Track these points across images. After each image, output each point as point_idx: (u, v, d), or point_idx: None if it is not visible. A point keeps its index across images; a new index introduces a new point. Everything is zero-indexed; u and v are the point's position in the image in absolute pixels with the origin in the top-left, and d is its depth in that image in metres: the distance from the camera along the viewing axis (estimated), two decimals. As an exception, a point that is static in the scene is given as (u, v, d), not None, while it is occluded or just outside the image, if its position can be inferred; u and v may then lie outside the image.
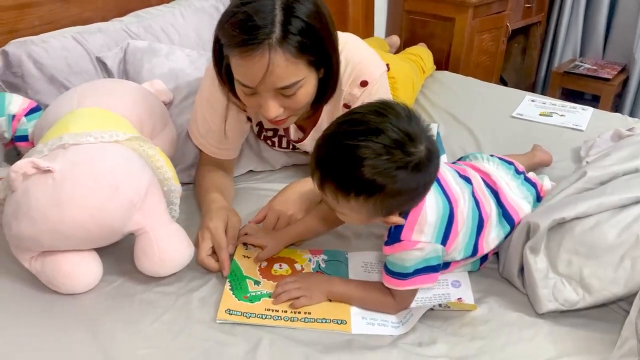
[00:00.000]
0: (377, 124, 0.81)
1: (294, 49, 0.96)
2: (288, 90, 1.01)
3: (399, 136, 0.80)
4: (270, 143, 1.40)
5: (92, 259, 1.01)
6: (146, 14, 1.66)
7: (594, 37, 3.17)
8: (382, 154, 0.79)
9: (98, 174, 0.93)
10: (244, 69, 0.98)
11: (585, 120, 1.81)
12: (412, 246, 0.90)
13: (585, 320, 0.94)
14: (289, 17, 0.95)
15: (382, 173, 0.79)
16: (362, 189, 0.82)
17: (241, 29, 0.94)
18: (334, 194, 0.85)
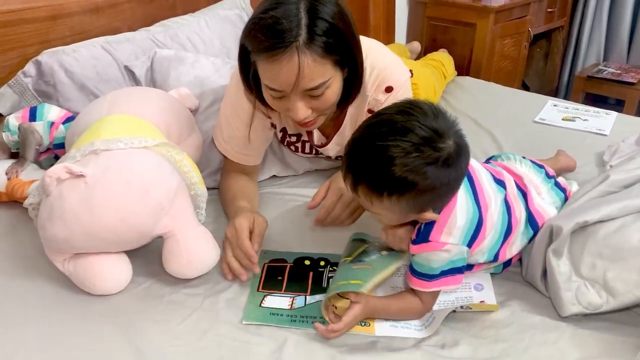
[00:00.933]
0: (404, 122, 0.83)
1: (320, 49, 0.98)
2: (316, 91, 1.03)
3: (427, 133, 0.82)
4: (294, 148, 1.42)
5: (122, 261, 1.04)
6: (172, 23, 1.70)
7: (618, 41, 3.13)
8: (411, 151, 0.81)
9: (129, 178, 0.97)
10: (273, 73, 1.00)
11: (609, 124, 1.79)
12: (439, 247, 0.91)
13: (609, 323, 0.94)
14: (314, 19, 0.97)
15: (413, 170, 0.81)
16: (394, 188, 0.83)
17: (268, 34, 0.96)
18: (367, 195, 0.87)
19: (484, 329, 0.94)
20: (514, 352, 0.89)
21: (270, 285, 1.04)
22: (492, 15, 2.44)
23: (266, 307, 0.98)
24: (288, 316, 0.96)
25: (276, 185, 1.46)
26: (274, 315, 0.96)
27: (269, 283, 1.05)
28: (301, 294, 1.02)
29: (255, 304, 0.99)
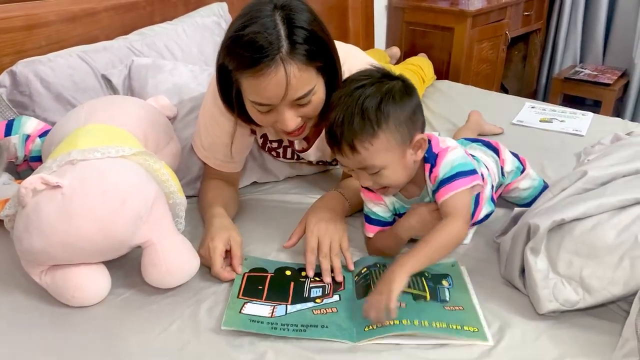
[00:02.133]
0: (354, 82, 0.99)
1: (303, 57, 0.99)
2: (304, 100, 1.04)
3: (378, 75, 0.99)
4: (275, 154, 1.42)
5: (101, 272, 1.03)
6: (150, 31, 1.70)
7: (594, 42, 3.19)
8: (373, 90, 0.97)
9: (106, 188, 0.96)
10: (261, 88, 1.00)
11: (585, 125, 1.82)
12: (446, 150, 1.04)
13: (586, 320, 0.95)
14: (292, 28, 0.98)
15: (385, 96, 0.96)
16: (381, 115, 0.95)
17: (250, 50, 0.97)
18: (366, 142, 0.96)
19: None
20: (495, 352, 0.89)
21: (251, 293, 1.03)
22: (469, 19, 2.47)
23: (246, 314, 0.97)
24: (269, 323, 0.95)
25: (257, 191, 1.45)
26: (254, 322, 0.95)
27: (249, 291, 1.04)
28: (282, 303, 1.01)
29: (235, 310, 0.98)
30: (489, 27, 2.64)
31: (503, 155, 1.26)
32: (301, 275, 1.09)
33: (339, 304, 1.00)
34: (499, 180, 1.22)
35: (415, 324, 0.92)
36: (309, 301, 1.01)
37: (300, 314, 0.98)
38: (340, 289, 1.05)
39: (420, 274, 1.06)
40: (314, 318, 0.96)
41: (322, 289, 1.05)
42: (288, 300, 1.02)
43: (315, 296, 1.03)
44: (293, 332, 0.93)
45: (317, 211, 1.16)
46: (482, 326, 0.93)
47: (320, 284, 1.06)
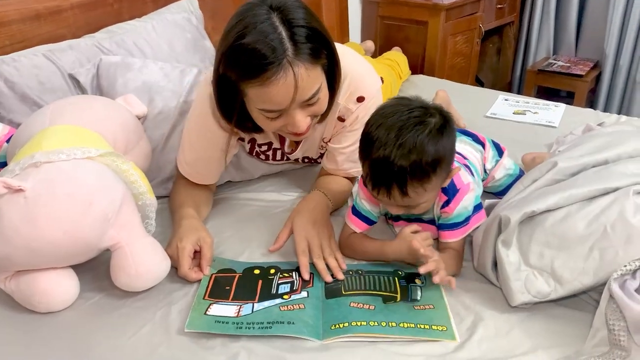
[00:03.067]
0: (396, 122, 0.94)
1: (309, 57, 0.97)
2: (313, 99, 1.03)
3: (418, 112, 0.95)
4: (264, 157, 1.40)
5: (68, 277, 1.00)
6: (118, 29, 1.66)
7: (566, 34, 3.22)
8: (423, 129, 0.93)
9: (71, 190, 0.93)
10: (271, 95, 0.98)
11: (558, 116, 1.84)
12: (468, 188, 1.05)
13: (558, 311, 0.96)
14: (292, 28, 0.96)
15: (438, 140, 0.94)
16: (436, 162, 0.94)
17: (255, 59, 0.94)
18: (420, 187, 0.95)
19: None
20: (467, 345, 0.89)
21: (217, 294, 1.02)
22: (443, 12, 2.47)
23: (211, 315, 0.96)
24: (234, 323, 0.94)
25: (231, 190, 1.44)
26: (219, 323, 0.94)
27: (216, 292, 1.03)
28: (249, 302, 1.00)
29: (199, 311, 0.97)
30: (463, 21, 2.65)
31: (486, 154, 1.27)
32: (269, 273, 1.08)
33: (306, 300, 1.00)
34: (482, 176, 1.24)
35: (383, 325, 0.92)
36: (276, 297, 1.01)
37: (267, 311, 0.97)
38: (309, 286, 1.04)
39: (393, 274, 1.06)
40: (280, 314, 0.96)
41: (290, 285, 1.04)
42: (255, 298, 1.01)
43: (283, 292, 1.02)
44: (258, 329, 0.92)
45: (303, 213, 1.15)
46: (451, 324, 0.93)
47: (289, 280, 1.06)
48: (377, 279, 1.05)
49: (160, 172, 1.38)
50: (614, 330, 0.82)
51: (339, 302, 0.99)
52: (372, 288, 1.02)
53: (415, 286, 1.03)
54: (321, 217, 1.16)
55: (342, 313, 0.96)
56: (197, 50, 1.77)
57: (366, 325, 0.92)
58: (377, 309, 0.97)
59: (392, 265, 1.09)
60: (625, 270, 0.84)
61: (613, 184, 0.96)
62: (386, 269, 1.08)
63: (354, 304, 0.98)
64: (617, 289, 0.82)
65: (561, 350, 0.87)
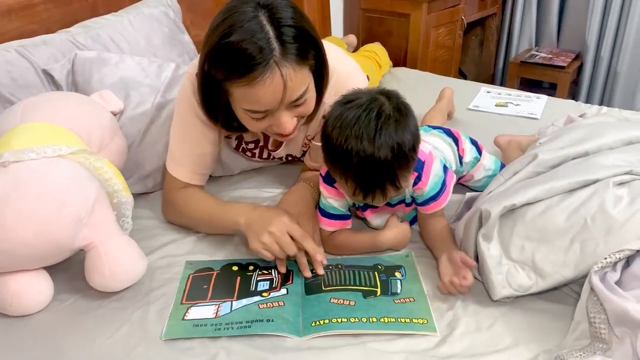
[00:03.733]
0: (354, 121, 0.92)
1: (296, 57, 0.95)
2: (300, 100, 1.01)
3: (372, 106, 0.93)
4: (250, 154, 1.38)
5: (41, 278, 0.98)
6: (94, 23, 1.62)
7: (548, 26, 3.23)
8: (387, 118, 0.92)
9: (41, 190, 0.91)
10: (258, 96, 0.95)
11: (540, 108, 1.84)
12: (432, 156, 1.06)
13: (540, 304, 0.95)
14: (280, 28, 0.93)
15: (403, 124, 0.94)
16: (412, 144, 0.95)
17: (241, 58, 0.92)
18: (407, 173, 0.97)
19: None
20: (449, 339, 0.89)
21: (195, 295, 1.00)
22: (424, 4, 2.45)
23: (189, 320, 0.94)
24: (212, 325, 0.92)
25: (211, 186, 1.41)
26: (197, 326, 0.92)
27: (194, 293, 1.01)
28: (227, 300, 0.99)
29: (177, 318, 0.95)
30: (445, 13, 2.64)
31: (463, 145, 1.26)
32: (248, 270, 1.07)
33: (286, 297, 0.99)
34: (457, 168, 1.22)
35: (364, 321, 0.91)
36: (255, 295, 0.99)
37: (246, 310, 0.95)
38: (288, 283, 1.03)
39: (373, 268, 1.05)
40: (259, 312, 0.94)
41: (269, 282, 1.03)
42: (233, 296, 1.00)
43: (262, 289, 1.01)
44: (237, 329, 0.91)
45: (286, 206, 1.14)
46: (431, 317, 0.93)
47: (268, 277, 1.05)
48: (356, 273, 1.04)
49: (138, 168, 1.36)
50: (595, 323, 0.82)
51: (319, 299, 0.98)
52: (352, 283, 1.01)
53: (395, 279, 1.02)
54: (305, 211, 1.14)
55: (322, 309, 0.95)
56: (175, 45, 1.73)
57: (347, 321, 0.91)
58: (357, 304, 0.96)
59: (372, 259, 1.09)
60: (605, 262, 0.84)
61: (593, 175, 0.96)
62: (365, 264, 1.07)
63: (334, 300, 0.97)
64: (598, 282, 0.82)
65: (542, 344, 0.87)
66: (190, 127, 1.16)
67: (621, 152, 1.05)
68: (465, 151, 1.25)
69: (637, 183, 0.95)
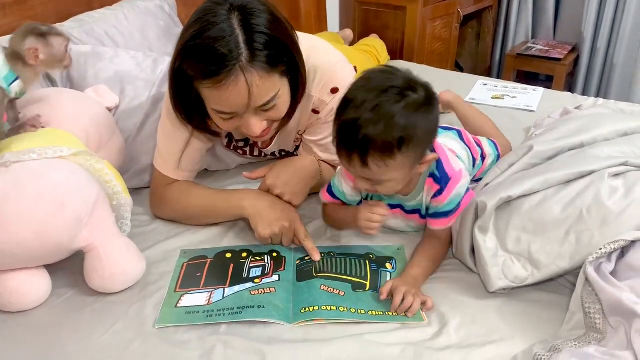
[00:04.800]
0: (375, 85, 0.89)
1: (265, 64, 0.94)
2: (268, 105, 1.00)
3: (401, 83, 0.89)
4: (241, 152, 1.38)
5: (40, 275, 0.98)
6: (88, 18, 1.62)
7: (544, 18, 3.22)
8: (400, 100, 0.87)
9: (42, 190, 0.91)
10: (222, 99, 0.95)
11: (536, 100, 1.84)
12: (460, 175, 1.01)
13: (536, 295, 0.96)
14: (251, 33, 0.92)
15: (411, 115, 0.87)
16: (403, 139, 0.87)
17: (209, 59, 0.91)
18: (381, 160, 0.89)
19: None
20: (446, 331, 0.89)
21: (188, 283, 1.02)
22: (421, -3, 2.45)
23: (182, 307, 0.95)
24: (204, 312, 0.93)
25: (208, 179, 1.41)
26: (190, 314, 0.93)
27: (187, 281, 1.02)
28: (220, 287, 1.00)
29: (170, 305, 0.96)
30: (441, 5, 2.63)
31: (486, 150, 1.28)
32: (241, 257, 1.08)
33: (277, 284, 0.99)
34: (469, 170, 1.21)
35: (352, 312, 0.92)
36: (247, 282, 1.00)
37: (237, 296, 0.96)
38: (280, 269, 1.04)
39: (365, 257, 1.06)
40: (251, 299, 0.95)
41: (262, 269, 1.04)
42: (226, 282, 1.01)
43: (254, 276, 1.02)
44: (229, 316, 0.92)
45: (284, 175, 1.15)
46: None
47: (261, 264, 1.05)
48: (348, 261, 1.05)
49: (134, 163, 1.35)
50: (590, 313, 0.82)
51: (310, 285, 0.99)
52: (343, 272, 1.02)
53: (385, 271, 1.03)
54: (296, 189, 1.15)
55: (312, 296, 0.96)
56: (170, 39, 1.73)
57: (336, 310, 0.92)
58: (347, 295, 0.97)
59: (364, 248, 1.10)
60: (600, 253, 0.84)
61: (589, 167, 0.96)
62: (358, 252, 1.08)
63: (324, 287, 0.98)
64: (593, 272, 0.82)
65: (538, 335, 0.87)
66: (177, 123, 1.16)
67: (617, 143, 1.05)
68: (488, 156, 1.27)
69: (632, 174, 0.96)
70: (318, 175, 1.22)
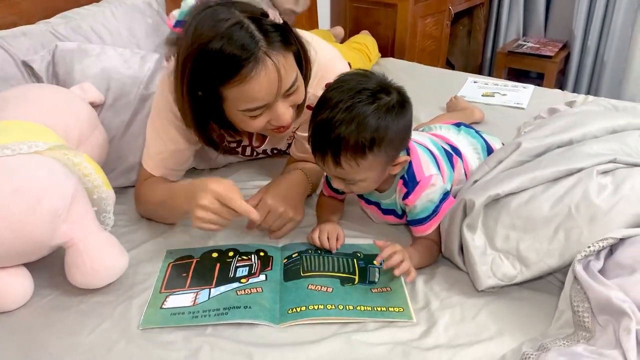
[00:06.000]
0: (350, 87, 0.92)
1: (280, 44, 0.95)
2: (293, 87, 1.00)
3: (375, 85, 0.93)
4: (234, 152, 1.37)
5: (20, 275, 0.96)
6: (75, 14, 1.59)
7: (535, 15, 3.23)
8: (372, 102, 0.91)
9: (17, 186, 0.89)
10: (253, 91, 0.95)
11: (527, 97, 1.84)
12: (429, 181, 1.02)
13: (524, 294, 0.95)
14: (259, 20, 0.93)
15: (382, 117, 0.90)
16: (374, 139, 0.91)
17: (230, 56, 0.91)
18: (352, 160, 0.92)
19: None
20: (435, 332, 0.88)
21: (174, 284, 1.00)
22: (411, -6, 2.44)
23: (167, 308, 0.94)
24: (190, 313, 0.92)
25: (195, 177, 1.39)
26: (175, 315, 0.92)
27: (173, 282, 1.01)
28: (206, 287, 0.98)
29: (155, 307, 0.94)
30: (432, 3, 2.62)
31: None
32: (228, 256, 1.07)
33: (264, 283, 0.98)
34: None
35: (340, 309, 0.92)
36: (234, 281, 0.99)
37: (223, 297, 0.95)
38: (267, 269, 1.03)
39: (352, 255, 1.06)
40: (237, 299, 0.94)
41: (248, 268, 1.03)
42: (212, 283, 0.99)
43: (240, 276, 1.01)
44: (214, 317, 0.91)
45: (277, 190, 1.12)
46: (408, 305, 0.94)
47: (248, 263, 1.04)
48: (336, 260, 1.04)
49: (121, 161, 1.34)
50: (578, 311, 0.81)
51: (297, 285, 0.98)
52: (330, 269, 1.02)
53: (373, 267, 1.03)
54: (290, 199, 1.12)
55: (299, 296, 0.95)
56: (158, 36, 1.71)
57: (323, 308, 0.92)
58: (335, 291, 0.96)
59: (351, 247, 1.09)
60: (589, 251, 0.84)
61: (577, 164, 0.96)
62: (345, 251, 1.08)
63: (312, 286, 0.97)
64: (581, 271, 0.82)
65: (527, 333, 0.86)
66: (165, 122, 1.14)
67: (605, 140, 1.05)
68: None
69: (621, 171, 0.95)
70: (309, 187, 1.21)
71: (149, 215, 1.22)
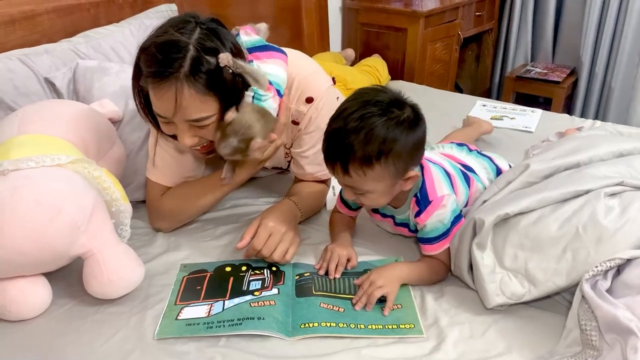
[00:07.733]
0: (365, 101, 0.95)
1: (201, 86, 0.97)
2: (199, 123, 1.02)
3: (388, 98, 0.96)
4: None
5: (40, 284, 0.99)
6: (95, 34, 1.64)
7: (543, 41, 3.27)
8: (384, 114, 0.93)
9: (39, 197, 0.92)
10: (156, 99, 1.00)
11: (535, 122, 1.86)
12: (441, 201, 1.03)
13: (532, 312, 0.97)
14: (202, 54, 0.96)
15: (391, 128, 0.93)
16: (382, 150, 0.93)
17: (154, 61, 0.96)
18: (360, 169, 0.94)
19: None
20: (443, 346, 0.90)
21: (188, 296, 1.02)
22: (422, 19, 2.49)
23: (182, 319, 0.96)
24: (205, 324, 0.94)
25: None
26: (190, 325, 0.94)
27: (187, 294, 1.03)
28: (220, 300, 1.01)
29: (170, 318, 0.96)
30: (442, 28, 2.67)
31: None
32: (241, 270, 1.09)
33: (277, 297, 1.00)
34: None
35: (352, 327, 0.93)
36: (247, 294, 1.01)
37: (237, 308, 0.97)
38: (279, 283, 1.05)
39: (363, 274, 1.07)
40: (251, 310, 0.96)
41: (261, 282, 1.05)
42: (226, 295, 1.02)
43: (254, 289, 1.03)
44: (229, 327, 0.92)
45: (273, 212, 1.14)
46: (418, 321, 0.95)
47: (260, 277, 1.06)
48: (347, 281, 1.06)
49: (137, 175, 1.37)
50: (586, 330, 0.83)
51: (309, 302, 0.99)
52: (341, 292, 1.03)
53: None
54: (281, 227, 1.12)
55: (311, 312, 0.96)
56: (175, 56, 1.75)
57: (335, 326, 0.93)
58: (347, 311, 0.98)
59: (362, 265, 1.11)
60: (596, 271, 0.85)
61: (585, 186, 0.97)
62: (357, 269, 1.09)
63: (323, 305, 0.98)
64: (589, 290, 0.83)
65: (535, 351, 0.87)
66: None
67: (612, 164, 1.07)
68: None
69: (628, 194, 0.97)
70: (299, 215, 1.23)
71: (177, 220, 1.25)
